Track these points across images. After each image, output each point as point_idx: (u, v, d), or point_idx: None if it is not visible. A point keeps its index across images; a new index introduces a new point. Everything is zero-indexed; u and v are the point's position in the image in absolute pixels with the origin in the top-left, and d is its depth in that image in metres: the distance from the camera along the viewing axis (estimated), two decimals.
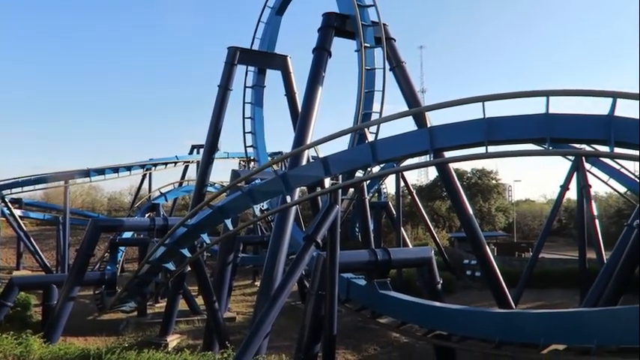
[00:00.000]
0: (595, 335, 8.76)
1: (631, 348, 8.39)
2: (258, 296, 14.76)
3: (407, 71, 19.23)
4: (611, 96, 9.23)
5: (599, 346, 8.66)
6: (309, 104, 16.78)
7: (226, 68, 22.16)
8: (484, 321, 11.55)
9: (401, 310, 13.55)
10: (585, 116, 9.61)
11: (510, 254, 37.85)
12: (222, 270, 19.14)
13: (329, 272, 11.53)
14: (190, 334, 20.18)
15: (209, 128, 22.22)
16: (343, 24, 18.22)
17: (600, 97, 9.41)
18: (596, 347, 8.67)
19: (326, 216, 11.63)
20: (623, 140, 9.31)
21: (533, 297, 25.37)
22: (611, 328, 8.71)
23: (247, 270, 34.52)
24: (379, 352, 17.69)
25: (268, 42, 24.18)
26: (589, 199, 22.77)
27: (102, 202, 66.72)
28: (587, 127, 9.58)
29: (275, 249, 14.38)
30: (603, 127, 9.24)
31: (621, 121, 9.20)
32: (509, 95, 10.02)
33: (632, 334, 8.26)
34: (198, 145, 41.08)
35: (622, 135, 9.22)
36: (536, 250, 25.27)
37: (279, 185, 12.10)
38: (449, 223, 51.75)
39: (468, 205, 19.28)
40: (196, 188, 22.49)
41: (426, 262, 14.22)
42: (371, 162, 11.16)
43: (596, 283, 15.94)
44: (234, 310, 24.24)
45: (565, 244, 49.66)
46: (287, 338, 18.02)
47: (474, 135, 10.06)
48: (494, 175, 56.77)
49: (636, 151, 9.81)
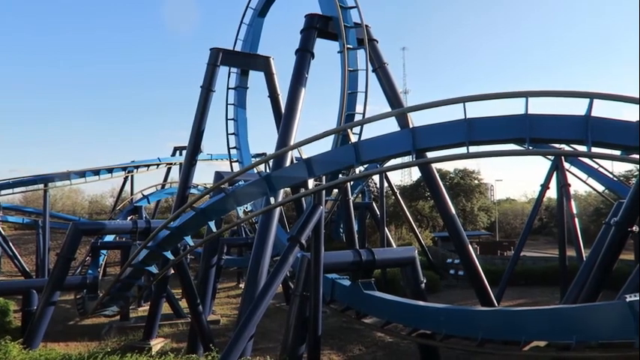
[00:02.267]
0: (575, 331, 8.92)
1: (610, 343, 8.56)
2: (243, 298, 14.67)
3: (389, 72, 19.33)
4: (588, 97, 9.43)
5: (578, 342, 8.83)
6: (292, 105, 16.77)
7: (209, 69, 22.03)
8: (467, 319, 11.68)
9: (385, 310, 13.62)
10: (563, 117, 9.79)
11: (493, 253, 38.39)
12: (206, 272, 19.02)
13: (313, 273, 11.53)
14: (174, 337, 20.02)
15: (192, 130, 22.06)
16: (326, 25, 18.24)
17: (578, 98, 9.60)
18: (576, 343, 8.83)
19: (310, 217, 11.64)
20: (600, 140, 9.52)
21: (515, 295, 25.75)
22: (591, 324, 8.88)
23: (231, 272, 34.38)
24: (364, 352, 17.75)
25: (251, 43, 24.10)
26: (569, 198, 23.20)
27: (83, 205, 65.78)
28: (566, 128, 9.77)
29: (259, 250, 14.33)
30: (581, 128, 9.43)
31: (598, 122, 9.40)
32: (490, 96, 10.16)
33: (610, 329, 8.45)
34: (180, 147, 40.74)
35: (599, 135, 9.43)
36: (518, 248, 25.66)
37: (262, 187, 12.07)
38: (432, 222, 52.22)
39: (450, 204, 19.45)
40: (179, 190, 22.27)
41: (410, 262, 14.31)
42: (354, 163, 11.21)
43: (575, 280, 16.22)
44: (218, 313, 24.10)
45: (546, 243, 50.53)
46: (272, 340, 18.00)
47: (455, 135, 10.17)
48: (476, 175, 57.54)
49: (613, 150, 10.03)
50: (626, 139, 9.55)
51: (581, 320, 9.12)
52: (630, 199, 13.31)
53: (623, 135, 9.57)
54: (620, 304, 8.28)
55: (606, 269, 13.43)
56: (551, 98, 9.95)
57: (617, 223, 13.41)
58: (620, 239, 13.45)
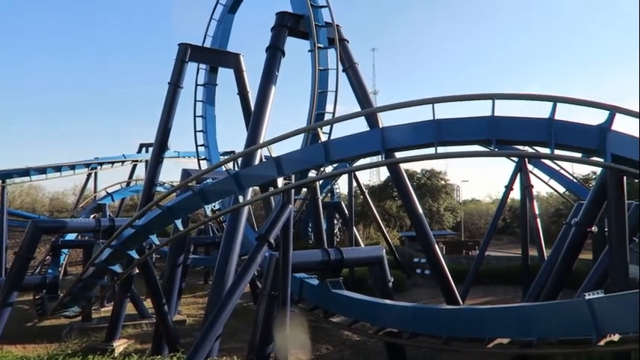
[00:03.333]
0: (536, 329, 9.16)
1: (569, 340, 8.82)
2: (210, 298, 14.48)
3: (359, 72, 19.41)
4: (552, 100, 9.70)
5: (540, 339, 9.06)
6: (262, 103, 16.63)
7: (177, 65, 21.62)
8: (433, 318, 11.85)
9: (353, 309, 13.68)
10: (528, 119, 10.04)
11: (458, 252, 39.11)
12: (172, 272, 18.67)
13: (282, 272, 11.48)
14: (138, 338, 19.62)
15: (158, 126, 21.61)
16: (297, 24, 18.18)
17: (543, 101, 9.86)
18: (537, 340, 9.07)
19: (279, 216, 11.57)
20: (563, 143, 9.81)
21: (479, 293, 26.30)
22: (551, 322, 9.13)
23: (198, 271, 33.90)
24: (331, 350, 17.80)
25: (220, 40, 23.78)
26: (531, 199, 23.86)
27: (43, 202, 63.54)
28: (531, 130, 10.02)
29: (227, 250, 14.16)
30: (545, 130, 9.70)
31: (561, 125, 9.69)
32: (458, 98, 10.32)
33: (570, 326, 8.70)
34: (147, 144, 39.93)
35: (562, 138, 9.72)
36: (483, 248, 26.25)
37: (231, 185, 11.92)
38: (399, 222, 52.81)
39: (418, 204, 19.68)
40: (145, 188, 21.78)
41: (378, 261, 14.42)
42: (324, 162, 11.20)
43: (537, 278, 16.69)
44: (184, 313, 23.74)
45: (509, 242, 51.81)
46: (239, 340, 17.83)
47: (424, 136, 10.30)
48: (443, 175, 58.55)
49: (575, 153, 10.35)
50: (587, 142, 9.88)
51: (543, 318, 9.38)
52: (589, 201, 13.76)
53: (584, 138, 9.89)
54: (579, 302, 8.54)
55: (566, 268, 13.84)
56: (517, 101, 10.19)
57: (577, 223, 13.84)
58: (579, 239, 13.89)
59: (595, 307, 8.16)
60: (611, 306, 8.21)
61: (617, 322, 8.04)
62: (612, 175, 10.57)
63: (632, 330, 7.95)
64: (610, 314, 8.09)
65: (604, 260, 13.72)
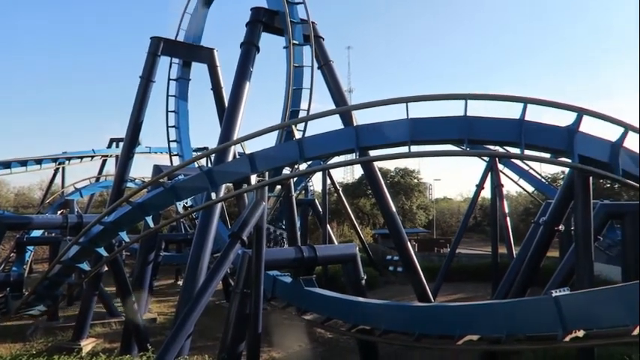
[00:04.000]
0: (505, 325, 9.31)
1: (537, 336, 9.01)
2: (181, 295, 14.28)
3: (334, 70, 19.42)
4: (522, 101, 9.89)
5: (509, 335, 9.22)
6: (236, 99, 16.46)
7: (149, 59, 21.20)
8: (405, 315, 11.93)
9: (326, 307, 13.67)
10: (499, 120, 10.22)
11: (430, 250, 39.65)
12: (143, 269, 18.33)
13: (254, 270, 11.39)
14: (107, 337, 19.25)
15: (129, 121, 21.17)
16: (272, 20, 18.06)
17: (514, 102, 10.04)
18: (506, 336, 9.23)
19: (252, 213, 11.47)
20: (533, 143, 10.02)
21: (450, 290, 26.71)
22: (520, 318, 9.30)
23: (169, 269, 33.45)
24: (304, 348, 17.80)
25: (194, 34, 23.44)
26: (501, 197, 24.31)
27: (8, 197, 61.58)
28: (501, 130, 10.20)
29: (199, 247, 13.99)
30: (515, 131, 9.88)
31: (531, 125, 9.89)
32: (431, 97, 10.43)
33: (537, 323, 8.89)
34: (117, 139, 39.09)
35: (531, 138, 9.92)
36: (454, 245, 26.65)
37: (204, 182, 11.76)
38: (373, 220, 53.17)
39: (391, 202, 19.84)
40: (115, 184, 21.32)
41: (351, 259, 14.45)
42: (298, 159, 11.16)
43: (506, 276, 17.01)
44: (154, 311, 23.39)
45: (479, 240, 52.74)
46: (210, 338, 17.65)
47: (398, 134, 10.36)
48: (416, 174, 59.26)
49: (543, 153, 10.59)
50: (556, 143, 10.12)
51: (511, 315, 9.54)
52: (557, 200, 14.09)
53: (553, 139, 10.13)
54: (546, 299, 8.72)
55: (535, 266, 14.15)
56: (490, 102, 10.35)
57: (545, 222, 14.16)
58: (547, 237, 14.22)
59: (561, 304, 8.33)
60: (576, 303, 8.41)
61: (583, 319, 8.23)
62: (579, 175, 10.85)
63: (596, 326, 8.16)
64: (575, 311, 8.29)
65: (570, 258, 14.11)
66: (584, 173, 10.70)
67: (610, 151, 10.07)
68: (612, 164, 10.05)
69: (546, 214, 14.68)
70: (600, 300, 8.19)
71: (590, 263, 10.95)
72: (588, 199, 10.94)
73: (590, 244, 10.94)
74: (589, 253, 10.89)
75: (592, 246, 11.00)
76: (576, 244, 11.35)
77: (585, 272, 10.83)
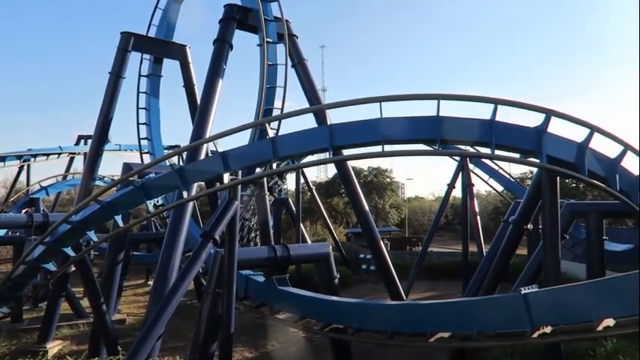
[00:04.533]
0: (476, 322, 9.47)
1: (506, 332, 9.19)
2: (151, 296, 14.04)
3: (309, 69, 19.41)
4: (493, 102, 10.06)
5: (479, 332, 9.38)
6: (208, 97, 16.26)
7: (118, 54, 20.76)
8: (377, 313, 12.02)
9: (299, 306, 13.65)
10: (471, 120, 10.37)
11: (402, 248, 40.06)
12: (112, 269, 17.93)
13: (227, 269, 11.28)
14: (74, 339, 18.77)
15: (98, 118, 20.70)
16: (245, 17, 17.92)
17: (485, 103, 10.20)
18: (477, 333, 9.38)
19: (225, 212, 11.35)
20: (503, 143, 10.21)
21: (422, 288, 27.04)
22: (490, 315, 9.47)
23: (139, 268, 32.85)
24: (277, 347, 17.73)
25: (166, 30, 23.06)
26: (472, 197, 24.74)
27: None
28: (473, 130, 10.36)
29: (170, 246, 13.77)
30: (486, 131, 10.05)
31: (501, 126, 10.07)
32: (405, 97, 10.52)
33: (507, 319, 9.07)
34: (85, 136, 38.18)
35: (501, 138, 10.11)
36: (426, 244, 26.99)
37: (175, 180, 11.56)
38: (346, 219, 53.35)
39: (364, 201, 19.95)
40: (83, 182, 20.83)
41: (324, 258, 14.45)
42: (271, 158, 11.09)
43: (476, 273, 17.30)
44: (124, 312, 22.93)
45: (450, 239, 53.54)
46: (182, 339, 17.42)
47: (372, 134, 10.41)
48: (389, 173, 59.77)
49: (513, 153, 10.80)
50: (525, 144, 10.34)
51: (482, 312, 9.71)
52: (526, 199, 14.39)
53: (522, 139, 10.35)
54: (516, 296, 8.90)
55: (504, 263, 14.44)
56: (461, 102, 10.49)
57: (515, 221, 14.45)
58: (516, 236, 14.52)
59: (530, 301, 8.52)
60: (544, 300, 8.62)
61: (550, 315, 8.44)
62: (547, 175, 11.12)
63: (563, 322, 8.37)
64: (543, 307, 8.49)
65: (538, 256, 14.46)
66: (552, 173, 10.98)
67: (576, 151, 10.37)
68: (579, 164, 10.34)
69: (515, 213, 14.98)
70: (567, 297, 8.42)
71: (557, 261, 11.24)
72: (556, 199, 11.22)
73: (558, 243, 11.23)
74: (556, 251, 11.17)
75: (559, 244, 11.29)
76: (544, 242, 11.63)
77: (552, 270, 11.11)
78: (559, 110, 10.14)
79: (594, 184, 10.67)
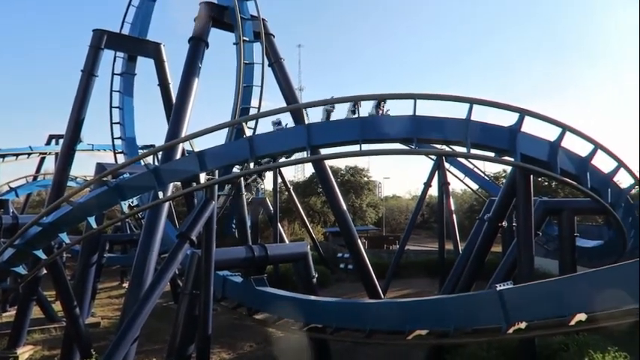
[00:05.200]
0: (453, 319, 9.59)
1: (482, 328, 9.31)
2: (127, 298, 13.76)
3: (285, 68, 19.33)
4: (469, 102, 10.19)
5: (456, 329, 9.50)
6: (184, 96, 16.03)
7: (91, 52, 20.30)
8: (356, 312, 12.06)
9: (277, 306, 13.60)
10: (447, 119, 10.49)
11: (380, 247, 40.27)
12: (85, 272, 17.50)
13: (204, 270, 11.16)
14: (46, 343, 18.31)
15: (70, 117, 20.20)
16: (221, 15, 17.73)
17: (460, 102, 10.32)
18: (453, 330, 9.49)
19: (201, 212, 11.22)
20: (478, 142, 10.35)
21: (400, 286, 27.25)
22: (466, 312, 9.60)
23: (114, 271, 32.24)
24: (255, 348, 17.63)
25: (140, 27, 22.63)
26: (448, 195, 25.02)
27: None
28: (449, 130, 10.48)
29: (146, 247, 13.53)
30: (462, 130, 10.16)
31: (476, 125, 10.21)
32: (381, 96, 10.58)
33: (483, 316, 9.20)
34: (57, 136, 37.22)
35: (477, 137, 10.24)
36: (403, 242, 27.21)
37: (150, 180, 11.36)
38: (324, 218, 53.38)
39: (342, 200, 19.97)
40: (54, 182, 20.30)
41: (302, 257, 14.44)
42: (249, 157, 11.00)
43: (453, 271, 17.54)
44: (98, 315, 22.49)
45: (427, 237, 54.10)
46: (158, 341, 17.17)
47: (350, 133, 10.43)
48: (366, 172, 60.04)
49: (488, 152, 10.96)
50: (499, 143, 10.50)
51: (458, 309, 9.84)
52: (500, 198, 14.66)
53: (497, 138, 10.51)
54: (491, 293, 9.04)
55: (480, 261, 14.67)
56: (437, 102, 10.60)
57: (490, 218, 14.70)
58: (491, 233, 14.76)
59: (505, 298, 8.66)
60: (519, 296, 8.77)
61: (524, 311, 8.60)
62: (521, 173, 11.34)
63: (537, 318, 8.54)
64: (518, 303, 8.64)
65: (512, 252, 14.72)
66: (525, 171, 11.19)
67: (549, 150, 10.59)
68: (551, 163, 10.56)
69: (490, 211, 15.22)
70: (540, 293, 8.58)
71: (530, 257, 11.46)
72: (529, 196, 11.44)
73: (531, 239, 11.46)
74: (530, 248, 11.40)
75: (533, 241, 11.52)
76: (518, 239, 11.85)
77: (526, 266, 11.33)
78: (532, 110, 10.33)
79: (566, 182, 10.91)
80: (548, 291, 8.51)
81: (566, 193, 37.35)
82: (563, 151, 10.66)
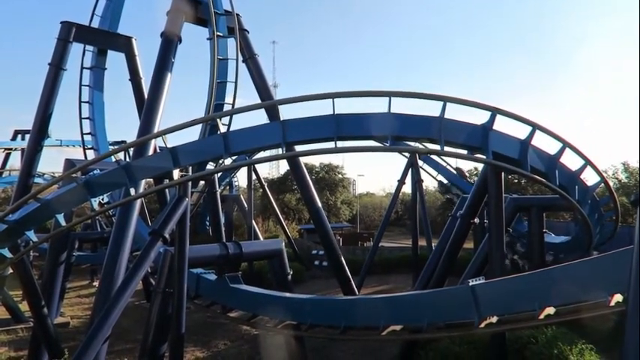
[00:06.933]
0: (426, 314, 9.73)
1: (456, 323, 9.48)
2: (97, 297, 13.46)
3: (260, 64, 19.18)
4: (442, 100, 10.30)
5: (429, 324, 9.65)
6: (156, 91, 15.72)
7: (59, 45, 19.71)
8: (330, 308, 12.11)
9: (252, 303, 13.55)
10: (421, 117, 10.57)
11: (354, 244, 40.55)
12: (53, 270, 17.08)
13: (177, 268, 11.03)
14: (12, 344, 17.82)
15: (37, 112, 19.60)
16: (195, 10, 17.45)
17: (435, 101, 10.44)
18: (427, 325, 9.64)
19: (174, 209, 11.07)
20: (451, 140, 10.48)
21: (374, 282, 27.48)
22: (440, 307, 9.76)
23: (84, 269, 31.55)
24: (229, 346, 17.52)
25: (110, 20, 22.10)
26: (421, 192, 25.33)
27: None
28: (422, 127, 10.57)
29: (116, 245, 13.24)
30: (435, 128, 10.28)
31: (450, 123, 10.34)
32: (356, 94, 10.58)
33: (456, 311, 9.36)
34: (23, 131, 36.11)
35: (450, 135, 10.37)
36: (377, 239, 27.43)
37: (121, 177, 11.12)
38: (298, 215, 53.41)
39: (316, 197, 19.97)
40: (20, 179, 19.67)
41: (277, 254, 14.41)
42: (223, 154, 10.88)
43: (426, 267, 17.74)
44: (67, 315, 21.98)
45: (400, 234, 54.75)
46: (130, 341, 16.91)
47: (325, 130, 10.41)
48: (341, 169, 60.27)
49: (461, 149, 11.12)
50: (472, 140, 10.66)
51: (432, 304, 9.99)
52: (472, 195, 14.89)
53: (470, 136, 10.66)
54: (464, 288, 9.20)
55: (452, 257, 14.87)
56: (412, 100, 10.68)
57: (462, 215, 14.92)
58: (464, 230, 14.98)
59: (477, 293, 8.83)
60: (491, 290, 8.96)
61: (496, 305, 8.79)
62: (492, 170, 11.55)
63: (508, 312, 8.74)
64: (490, 298, 8.83)
65: (484, 249, 14.99)
66: (497, 169, 11.40)
67: (520, 148, 10.80)
68: (522, 160, 10.77)
69: (463, 208, 15.46)
70: (511, 287, 8.79)
71: (502, 253, 11.70)
72: (501, 194, 11.67)
73: (502, 236, 11.70)
74: (501, 244, 11.63)
75: (503, 237, 11.76)
76: (490, 236, 12.07)
77: (497, 262, 11.56)
78: (504, 108, 10.52)
79: (536, 180, 11.15)
80: (519, 286, 8.72)
81: (536, 190, 38.29)
82: (533, 149, 10.89)
